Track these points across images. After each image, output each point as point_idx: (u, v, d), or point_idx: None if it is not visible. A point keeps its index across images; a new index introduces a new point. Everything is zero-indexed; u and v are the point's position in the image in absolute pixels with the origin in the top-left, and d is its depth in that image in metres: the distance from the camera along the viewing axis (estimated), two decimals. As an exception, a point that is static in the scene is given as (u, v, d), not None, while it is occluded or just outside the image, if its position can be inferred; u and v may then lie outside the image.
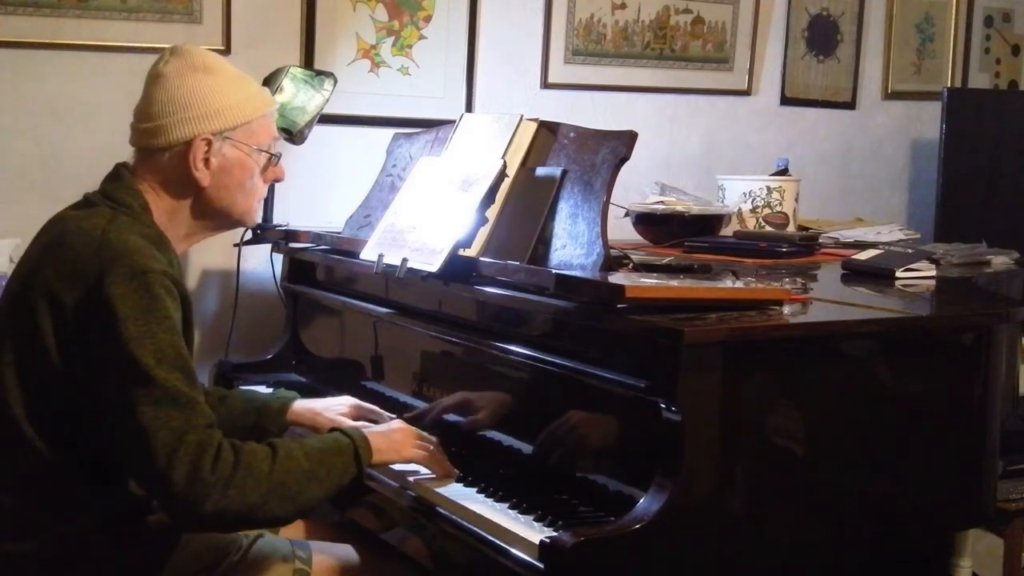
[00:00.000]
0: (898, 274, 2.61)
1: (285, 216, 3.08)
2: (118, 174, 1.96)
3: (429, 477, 2.05)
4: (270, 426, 2.25)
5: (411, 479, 2.04)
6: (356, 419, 2.29)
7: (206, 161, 1.93)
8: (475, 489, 2.00)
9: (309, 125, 2.97)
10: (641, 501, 1.74)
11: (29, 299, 1.82)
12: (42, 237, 1.92)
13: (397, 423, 2.09)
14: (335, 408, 2.32)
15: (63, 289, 1.79)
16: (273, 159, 2.03)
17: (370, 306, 2.57)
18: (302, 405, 2.31)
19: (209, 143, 1.92)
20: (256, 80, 2.04)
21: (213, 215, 1.99)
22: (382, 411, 2.35)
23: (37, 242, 1.92)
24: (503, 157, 2.34)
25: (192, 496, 1.72)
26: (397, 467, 2.07)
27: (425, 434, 2.07)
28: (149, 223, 1.91)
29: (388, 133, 2.95)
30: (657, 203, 3.26)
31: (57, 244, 1.85)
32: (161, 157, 1.93)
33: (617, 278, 2.00)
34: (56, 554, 1.82)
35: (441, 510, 1.97)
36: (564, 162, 2.29)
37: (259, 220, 2.90)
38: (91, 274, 1.77)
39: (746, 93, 4.05)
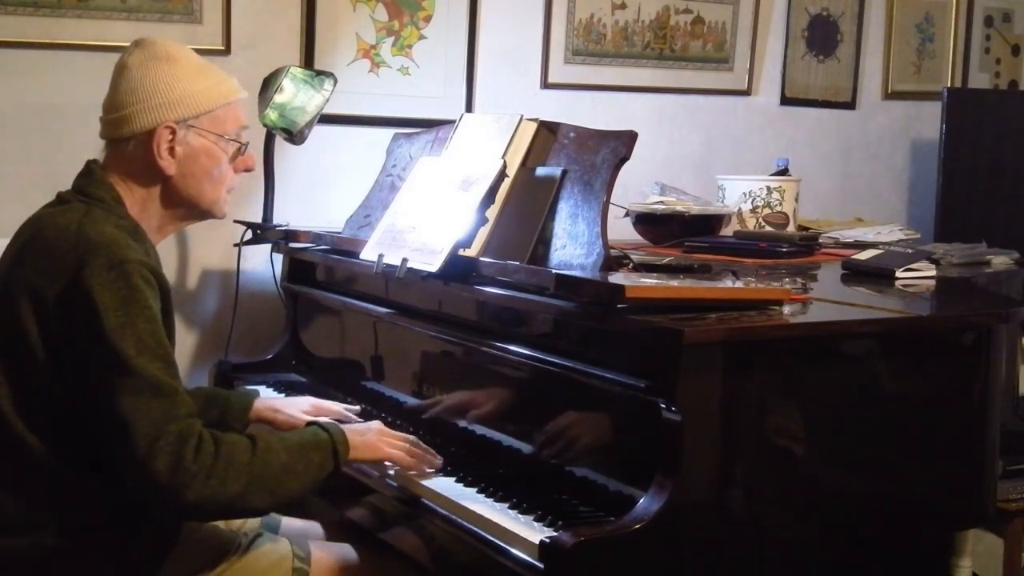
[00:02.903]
0: (898, 274, 2.61)
1: (285, 216, 3.08)
2: (89, 170, 1.98)
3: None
4: (233, 423, 2.28)
5: (391, 471, 2.07)
6: (316, 417, 2.32)
7: (171, 150, 1.94)
8: (475, 489, 2.00)
9: (309, 125, 2.97)
10: (641, 501, 1.74)
11: (10, 298, 1.83)
12: (19, 236, 1.93)
13: (375, 423, 2.13)
14: (295, 406, 2.36)
15: (43, 284, 1.80)
16: (242, 148, 2.04)
17: (370, 306, 2.57)
18: (263, 403, 2.36)
19: (173, 131, 1.93)
20: (223, 71, 2.04)
21: (182, 204, 2.00)
22: (342, 410, 2.38)
23: (15, 241, 1.93)
24: (503, 157, 2.34)
25: (174, 485, 1.73)
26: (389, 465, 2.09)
27: (401, 434, 2.10)
28: (123, 215, 1.93)
29: (388, 133, 2.95)
30: (657, 203, 3.26)
31: (34, 241, 1.87)
32: (127, 147, 1.95)
33: (617, 278, 2.00)
34: (54, 551, 1.83)
35: (441, 510, 1.97)
36: (564, 162, 2.29)
37: (250, 219, 2.95)
38: (69, 267, 1.79)
39: (746, 93, 4.05)
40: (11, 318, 1.82)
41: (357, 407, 2.46)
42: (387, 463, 2.06)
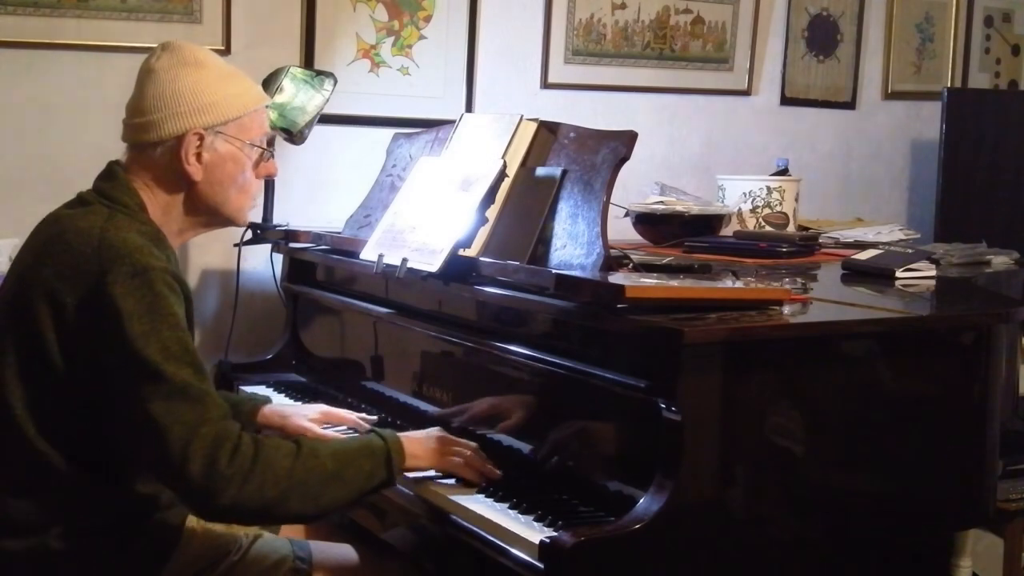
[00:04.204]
0: (898, 274, 2.61)
1: (285, 216, 3.08)
2: (112, 172, 1.96)
3: (453, 485, 2.01)
4: None
5: (436, 483, 2.02)
6: (324, 425, 2.32)
7: (198, 156, 1.93)
8: (475, 489, 1.99)
9: (309, 125, 2.97)
10: (641, 501, 1.74)
11: (28, 299, 1.82)
12: (38, 237, 1.91)
13: (435, 430, 2.07)
14: (304, 413, 2.34)
15: (63, 289, 1.79)
16: (266, 154, 2.03)
17: (370, 306, 2.57)
18: (271, 409, 2.34)
19: (201, 138, 1.92)
20: (248, 76, 2.04)
21: (206, 211, 1.99)
22: (354, 417, 2.36)
23: (33, 242, 1.91)
24: (503, 157, 2.34)
25: (209, 488, 1.72)
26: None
27: (463, 441, 2.05)
28: (146, 220, 1.91)
29: (388, 133, 2.95)
30: (657, 203, 3.26)
31: (55, 244, 1.85)
32: (153, 152, 1.93)
33: (617, 278, 2.00)
34: (57, 553, 1.82)
35: (441, 510, 1.97)
36: (564, 162, 2.29)
37: (250, 219, 2.93)
38: (92, 273, 1.77)
39: (746, 93, 4.05)
40: (28, 320, 1.81)
41: (374, 416, 2.42)
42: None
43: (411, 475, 2.02)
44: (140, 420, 1.73)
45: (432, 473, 2.04)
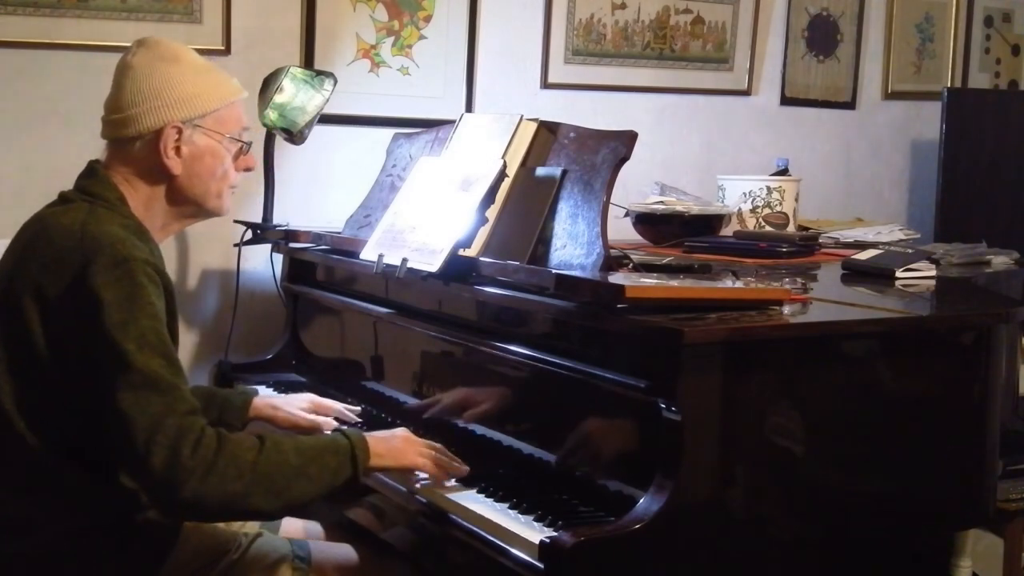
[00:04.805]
0: (898, 274, 2.61)
1: (285, 216, 3.08)
2: (92, 170, 1.98)
3: (432, 482, 2.02)
4: (232, 421, 2.28)
5: (417, 484, 2.02)
6: (313, 414, 2.34)
7: (177, 149, 1.95)
8: (475, 489, 1.99)
9: (309, 125, 2.97)
10: (641, 501, 1.74)
11: (14, 296, 1.83)
12: (23, 235, 1.94)
13: (400, 430, 2.06)
14: (294, 403, 2.36)
15: (48, 283, 1.81)
16: (244, 147, 2.05)
17: (370, 306, 2.57)
18: (261, 400, 2.36)
19: (179, 131, 1.94)
20: (228, 72, 2.06)
21: (186, 203, 2.01)
22: (342, 408, 2.38)
23: (18, 241, 1.94)
24: (503, 157, 2.34)
25: (170, 480, 1.72)
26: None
27: (429, 442, 2.04)
28: (127, 214, 1.93)
29: (388, 133, 2.95)
30: (657, 203, 3.26)
31: (38, 240, 1.87)
32: (132, 147, 1.95)
33: (617, 278, 2.00)
34: (54, 552, 1.83)
35: (441, 510, 1.97)
36: (564, 162, 2.29)
37: (250, 219, 2.95)
38: (75, 265, 1.79)
39: (746, 93, 4.05)
40: (15, 316, 1.82)
41: (358, 407, 2.46)
42: (416, 473, 2.01)
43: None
44: (110, 409, 1.74)
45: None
